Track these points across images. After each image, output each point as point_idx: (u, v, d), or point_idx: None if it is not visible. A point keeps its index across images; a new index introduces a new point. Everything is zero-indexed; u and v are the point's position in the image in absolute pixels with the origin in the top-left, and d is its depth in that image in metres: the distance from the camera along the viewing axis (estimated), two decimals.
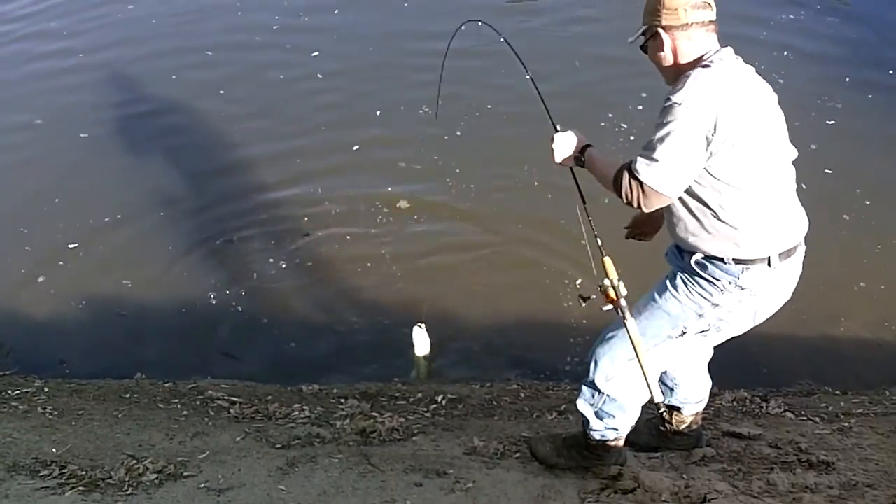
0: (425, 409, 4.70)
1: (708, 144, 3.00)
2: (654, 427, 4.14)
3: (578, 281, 5.65)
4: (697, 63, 3.13)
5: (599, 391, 3.60)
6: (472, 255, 6.04)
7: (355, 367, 5.35)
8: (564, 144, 3.44)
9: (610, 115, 7.28)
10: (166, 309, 5.75)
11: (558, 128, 3.49)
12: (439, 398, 4.80)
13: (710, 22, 3.17)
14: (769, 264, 3.23)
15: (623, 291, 3.37)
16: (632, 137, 7.02)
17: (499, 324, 5.61)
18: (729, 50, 3.18)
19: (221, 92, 7.79)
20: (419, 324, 5.12)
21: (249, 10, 9.24)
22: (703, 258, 3.28)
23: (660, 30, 3.15)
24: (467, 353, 5.43)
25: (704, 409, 4.11)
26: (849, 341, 5.41)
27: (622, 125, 7.17)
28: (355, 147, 7.04)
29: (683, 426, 4.12)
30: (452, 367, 5.34)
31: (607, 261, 3.42)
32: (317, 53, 8.29)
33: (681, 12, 3.12)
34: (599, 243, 3.44)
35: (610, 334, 3.54)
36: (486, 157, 6.88)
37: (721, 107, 2.98)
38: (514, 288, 5.79)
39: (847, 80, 7.70)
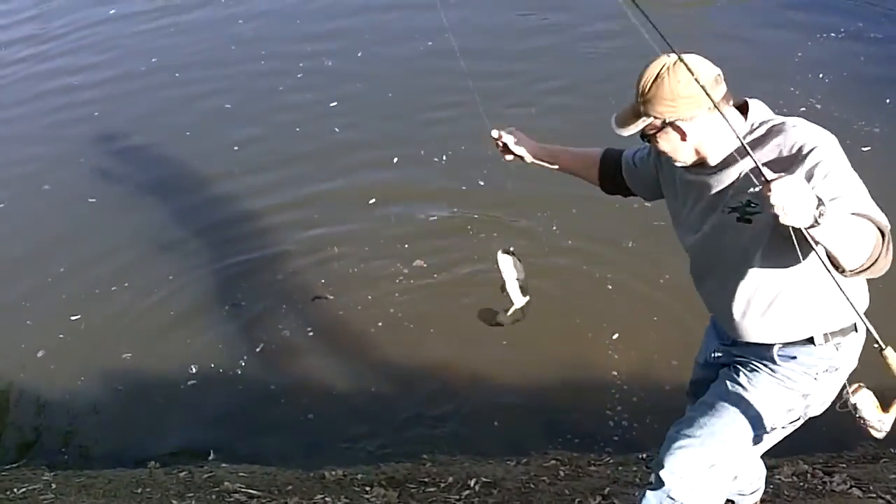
0: (457, 498, 4.35)
1: None
2: None
3: (615, 335, 5.40)
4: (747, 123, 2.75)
5: (672, 499, 3.17)
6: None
7: (378, 438, 5.05)
8: (802, 192, 2.28)
9: None
10: (174, 382, 5.50)
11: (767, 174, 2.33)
12: (472, 483, 4.45)
13: (727, 92, 2.75)
14: (856, 329, 2.89)
15: None
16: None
17: (532, 383, 5.30)
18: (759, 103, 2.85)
19: (236, 148, 7.47)
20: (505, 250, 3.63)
21: (272, 56, 8.91)
22: (786, 347, 2.93)
23: (679, 122, 2.71)
24: (500, 419, 5.11)
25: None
26: None
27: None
28: (371, 201, 6.73)
29: None
30: (484, 438, 5.01)
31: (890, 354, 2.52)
32: (335, 104, 7.95)
33: (701, 98, 2.65)
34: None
35: (682, 442, 3.07)
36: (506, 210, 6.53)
37: None
38: (546, 342, 5.42)
39: (888, 101, 7.31)
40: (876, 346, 2.54)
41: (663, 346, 5.32)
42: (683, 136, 2.73)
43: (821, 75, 7.65)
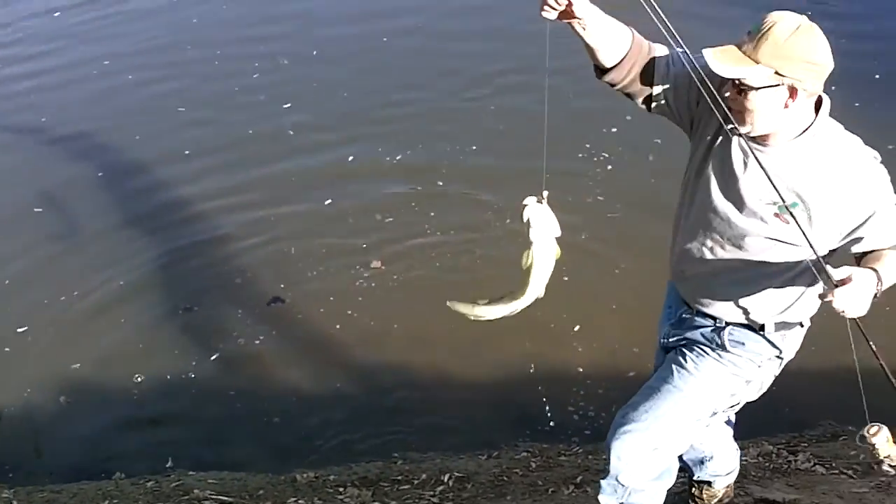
0: (432, 493, 4.35)
1: None
2: None
3: (577, 327, 5.45)
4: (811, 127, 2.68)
5: (623, 485, 3.22)
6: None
7: (348, 438, 5.01)
8: (865, 286, 2.50)
9: (587, 146, 7.03)
10: (127, 391, 5.37)
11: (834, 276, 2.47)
12: (445, 478, 4.46)
13: None
14: (801, 325, 3.04)
15: None
16: (609, 167, 6.80)
17: (497, 377, 5.32)
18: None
19: (187, 152, 7.33)
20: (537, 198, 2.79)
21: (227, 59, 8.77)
22: (736, 332, 3.00)
23: (801, 89, 2.57)
24: (468, 414, 5.11)
25: None
26: (863, 370, 5.15)
27: (602, 154, 6.93)
28: (327, 202, 6.68)
29: (715, 501, 3.85)
30: (454, 433, 5.00)
31: None
32: (288, 105, 7.87)
33: (827, 74, 2.62)
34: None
35: (628, 427, 3.11)
36: (464, 212, 6.55)
37: None
38: (509, 335, 5.41)
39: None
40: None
41: (624, 335, 5.37)
42: (787, 105, 2.59)
43: None
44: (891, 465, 2.78)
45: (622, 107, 7.10)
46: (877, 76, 7.50)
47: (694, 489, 3.82)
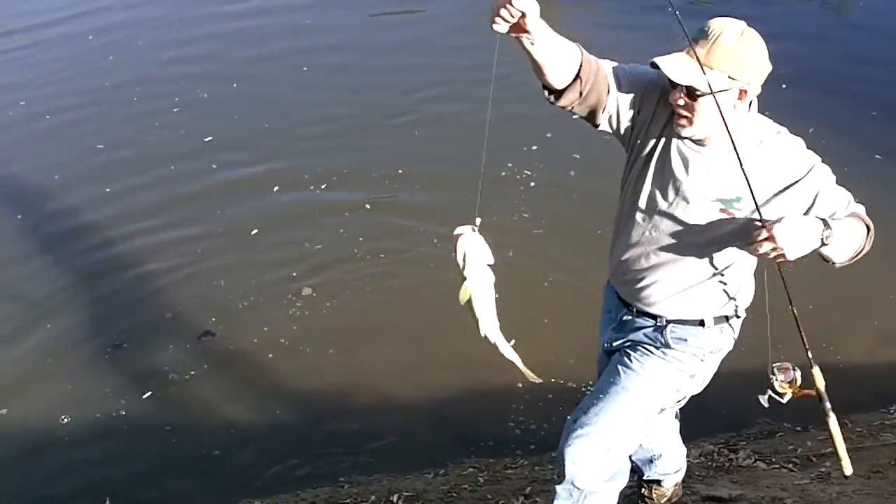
0: None
1: None
2: None
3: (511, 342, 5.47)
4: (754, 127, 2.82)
5: (579, 489, 3.25)
6: (392, 333, 5.74)
7: (291, 466, 4.92)
8: (800, 229, 2.59)
9: (509, 165, 7.14)
10: (57, 433, 5.20)
11: (763, 220, 2.64)
12: (395, 498, 4.43)
13: None
14: (737, 315, 3.15)
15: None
16: (532, 184, 6.92)
17: (436, 397, 5.33)
18: None
19: (108, 190, 7.21)
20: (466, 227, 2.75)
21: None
22: (678, 329, 3.08)
23: (748, 90, 2.71)
24: (410, 435, 5.10)
25: None
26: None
27: (525, 172, 7.04)
28: (254, 231, 6.64)
29: (664, 500, 3.92)
30: (398, 454, 4.98)
31: None
32: (210, 138, 7.82)
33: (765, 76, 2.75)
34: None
35: (580, 431, 3.17)
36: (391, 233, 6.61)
37: None
38: (444, 355, 5.48)
39: None
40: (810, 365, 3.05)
41: (558, 347, 5.42)
42: (735, 106, 2.70)
43: None
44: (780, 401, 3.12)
45: (541, 125, 7.38)
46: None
47: (644, 489, 3.89)
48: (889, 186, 6.87)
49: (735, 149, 2.66)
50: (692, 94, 2.67)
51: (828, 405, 3.08)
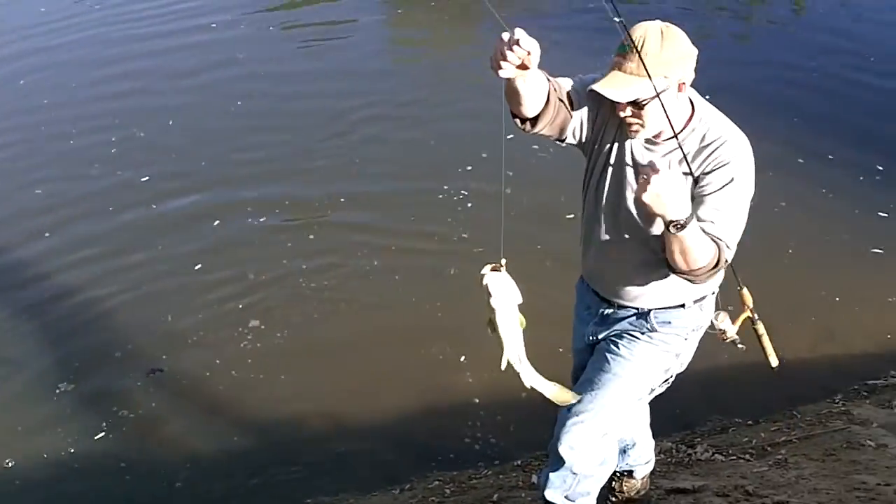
0: None
1: None
2: (604, 500, 3.99)
3: (462, 358, 5.57)
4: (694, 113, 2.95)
5: (575, 474, 3.36)
6: (344, 356, 5.76)
7: (254, 493, 4.89)
8: (675, 189, 2.63)
9: (445, 187, 7.26)
10: (7, 477, 5.08)
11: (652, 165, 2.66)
12: None
13: None
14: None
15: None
16: (469, 205, 7.05)
17: (395, 415, 5.36)
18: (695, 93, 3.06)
19: (47, 235, 7.09)
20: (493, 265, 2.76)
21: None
22: (661, 313, 3.21)
23: (684, 82, 2.85)
24: (372, 453, 5.11)
25: None
26: (734, 367, 5.47)
27: (462, 192, 7.16)
28: (197, 266, 6.61)
29: (634, 493, 4.01)
30: (361, 473, 4.98)
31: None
32: (146, 178, 7.77)
33: (695, 61, 2.88)
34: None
35: (577, 418, 3.27)
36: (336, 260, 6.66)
37: None
38: (400, 374, 5.58)
39: None
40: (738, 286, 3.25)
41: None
42: (675, 97, 2.83)
43: None
44: (738, 344, 3.25)
45: (475, 146, 7.52)
46: None
47: (614, 482, 3.97)
48: (812, 191, 7.18)
49: (677, 137, 2.84)
50: (637, 103, 2.80)
51: (755, 316, 3.30)
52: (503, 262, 2.70)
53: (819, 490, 4.01)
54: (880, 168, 7.50)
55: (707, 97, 3.04)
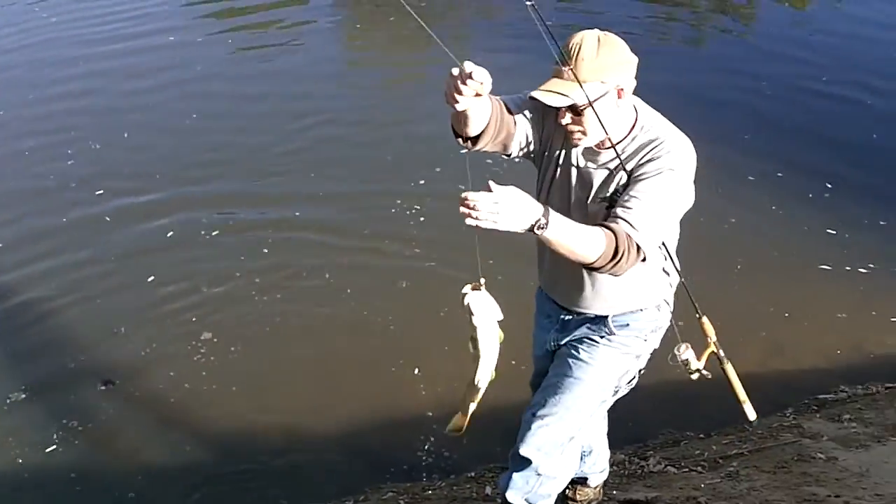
0: None
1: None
2: None
3: (416, 370, 5.57)
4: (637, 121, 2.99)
5: (539, 475, 3.40)
6: (297, 368, 5.74)
7: (208, 500, 4.86)
8: (518, 203, 2.52)
9: (398, 202, 7.30)
10: None
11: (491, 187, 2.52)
12: None
13: None
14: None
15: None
16: (422, 219, 7.07)
17: (348, 427, 5.34)
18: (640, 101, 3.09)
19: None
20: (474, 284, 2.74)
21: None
22: (619, 317, 3.25)
23: (623, 87, 2.87)
24: (325, 466, 5.08)
25: None
26: (686, 381, 5.51)
27: (414, 207, 7.19)
28: (150, 278, 6.55)
29: (587, 500, 4.03)
30: (314, 485, 4.95)
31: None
32: (101, 191, 7.67)
33: (634, 66, 2.92)
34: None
35: (543, 422, 3.31)
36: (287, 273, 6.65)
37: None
38: (352, 386, 5.56)
39: None
40: (697, 315, 3.24)
41: (460, 372, 5.49)
42: (617, 103, 2.87)
43: None
44: (702, 376, 3.24)
45: (429, 160, 7.55)
46: None
47: (568, 490, 3.98)
48: (762, 208, 7.28)
49: (614, 146, 2.89)
50: (575, 110, 2.84)
51: (721, 353, 3.26)
52: (482, 280, 2.71)
53: (771, 501, 4.06)
54: (829, 185, 7.63)
55: (657, 110, 3.09)
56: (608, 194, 2.96)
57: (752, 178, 7.70)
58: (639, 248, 2.76)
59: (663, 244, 3.04)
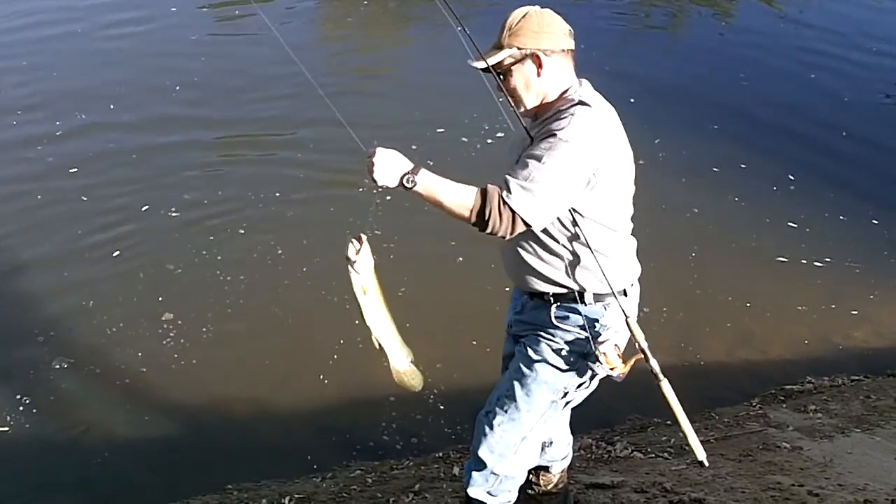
0: None
1: (587, 184, 2.94)
2: (522, 492, 4.02)
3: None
4: (564, 94, 3.07)
5: (496, 475, 3.43)
6: (264, 346, 5.74)
7: (174, 477, 4.84)
8: (389, 160, 2.86)
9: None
10: None
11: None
12: (286, 500, 4.42)
13: (573, 51, 3.12)
14: (625, 294, 3.25)
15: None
16: (378, 202, 7.02)
17: (315, 405, 5.36)
18: (588, 84, 3.13)
19: None
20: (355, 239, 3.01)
21: None
22: (561, 307, 3.21)
23: (539, 53, 3.00)
24: (293, 442, 5.10)
25: None
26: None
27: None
28: (115, 253, 6.50)
29: (551, 486, 4.04)
30: (281, 461, 4.95)
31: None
32: (75, 170, 7.55)
33: (560, 37, 3.06)
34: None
35: (495, 422, 3.34)
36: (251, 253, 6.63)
37: (604, 149, 2.96)
38: (321, 365, 5.57)
39: None
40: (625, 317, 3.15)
41: (424, 354, 5.41)
42: (538, 71, 3.03)
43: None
44: (619, 375, 3.17)
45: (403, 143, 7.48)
46: None
47: (531, 476, 4.00)
48: (725, 199, 7.32)
49: (519, 119, 3.09)
50: (500, 76, 3.06)
51: (655, 366, 3.15)
52: (363, 235, 2.99)
53: (735, 489, 4.11)
54: (792, 178, 7.72)
55: (631, 100, 3.11)
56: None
57: (717, 170, 7.73)
58: (513, 211, 2.85)
59: (578, 226, 3.04)
